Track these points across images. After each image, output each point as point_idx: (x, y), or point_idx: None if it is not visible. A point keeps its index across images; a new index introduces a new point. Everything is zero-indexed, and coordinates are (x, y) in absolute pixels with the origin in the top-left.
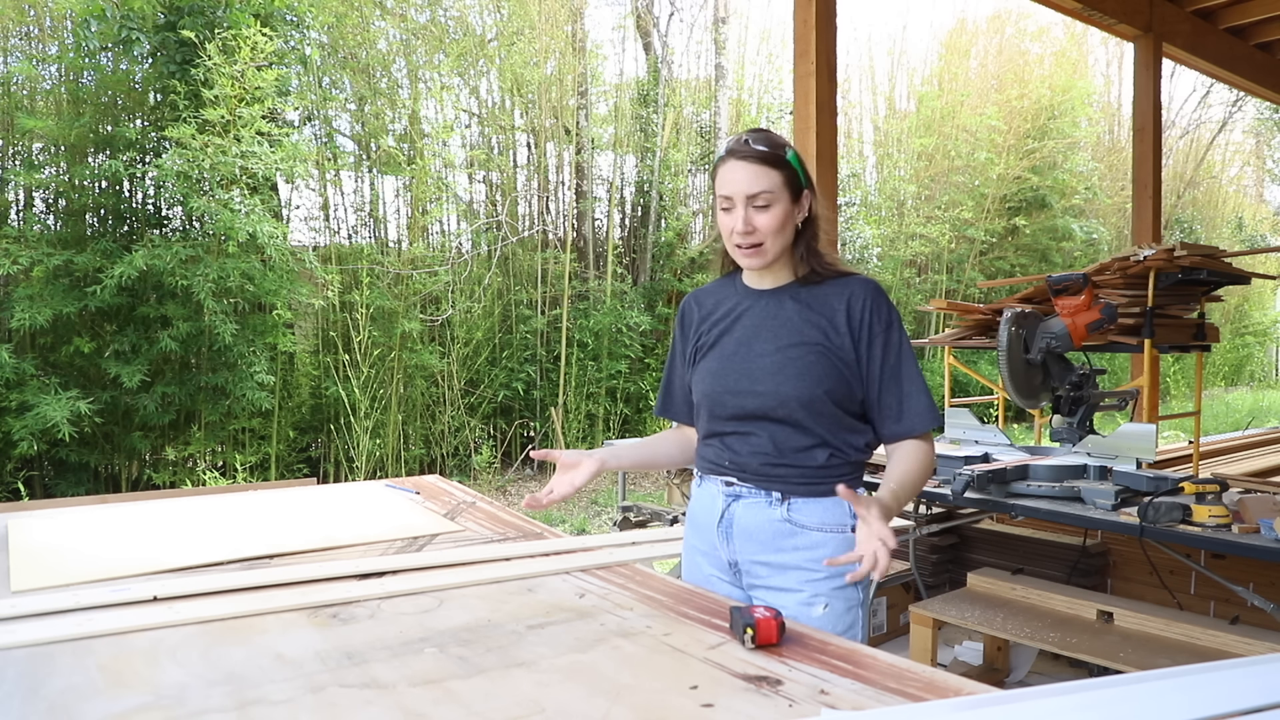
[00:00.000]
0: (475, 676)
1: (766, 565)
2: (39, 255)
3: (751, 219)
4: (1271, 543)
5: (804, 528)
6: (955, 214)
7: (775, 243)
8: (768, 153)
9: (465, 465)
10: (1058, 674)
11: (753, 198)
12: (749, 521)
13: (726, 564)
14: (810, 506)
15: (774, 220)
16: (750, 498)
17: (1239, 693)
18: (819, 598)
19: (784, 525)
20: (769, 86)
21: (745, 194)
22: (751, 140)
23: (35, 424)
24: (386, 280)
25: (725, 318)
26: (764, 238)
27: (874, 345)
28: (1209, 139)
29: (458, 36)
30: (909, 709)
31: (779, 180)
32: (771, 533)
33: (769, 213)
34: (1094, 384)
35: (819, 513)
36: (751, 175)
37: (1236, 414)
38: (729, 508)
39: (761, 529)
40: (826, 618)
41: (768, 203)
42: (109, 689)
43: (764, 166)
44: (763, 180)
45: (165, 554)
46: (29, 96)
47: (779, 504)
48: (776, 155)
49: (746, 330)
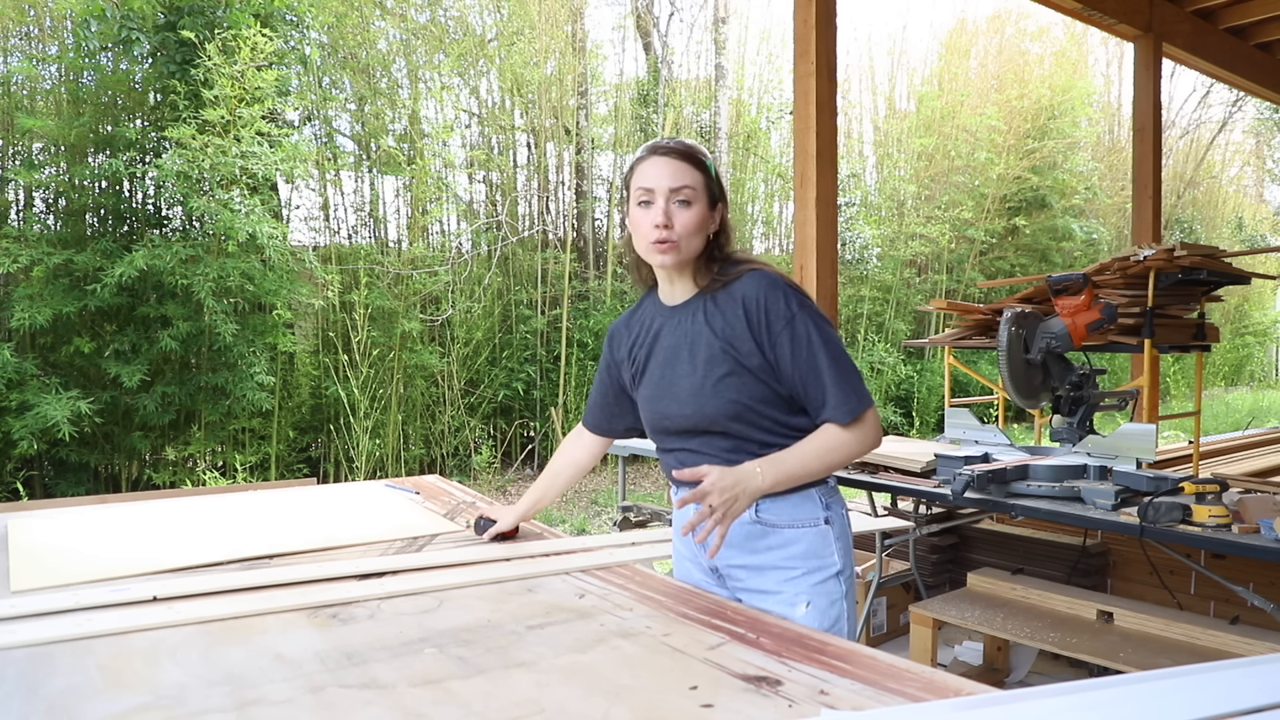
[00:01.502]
0: (475, 676)
1: (744, 568)
2: (39, 255)
3: (672, 213)
4: (1271, 543)
5: (775, 526)
6: (955, 214)
7: (690, 244)
8: (691, 152)
9: (465, 465)
10: (1058, 674)
11: (675, 191)
12: None
13: (709, 569)
14: (778, 505)
15: (693, 219)
16: None
17: (1239, 693)
18: (800, 596)
19: (755, 527)
20: (769, 86)
21: (668, 187)
22: (672, 141)
23: (35, 424)
24: (386, 280)
25: (648, 341)
26: (679, 236)
27: (779, 344)
28: (1209, 139)
29: (458, 36)
30: (909, 709)
31: (701, 180)
32: (744, 535)
33: (690, 210)
34: (1094, 384)
35: (788, 510)
36: (675, 170)
37: (1236, 414)
38: None
39: (734, 533)
40: (810, 615)
41: (689, 199)
42: (109, 689)
43: (687, 164)
44: (685, 176)
45: (165, 554)
46: (29, 96)
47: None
48: (699, 158)
49: (666, 351)
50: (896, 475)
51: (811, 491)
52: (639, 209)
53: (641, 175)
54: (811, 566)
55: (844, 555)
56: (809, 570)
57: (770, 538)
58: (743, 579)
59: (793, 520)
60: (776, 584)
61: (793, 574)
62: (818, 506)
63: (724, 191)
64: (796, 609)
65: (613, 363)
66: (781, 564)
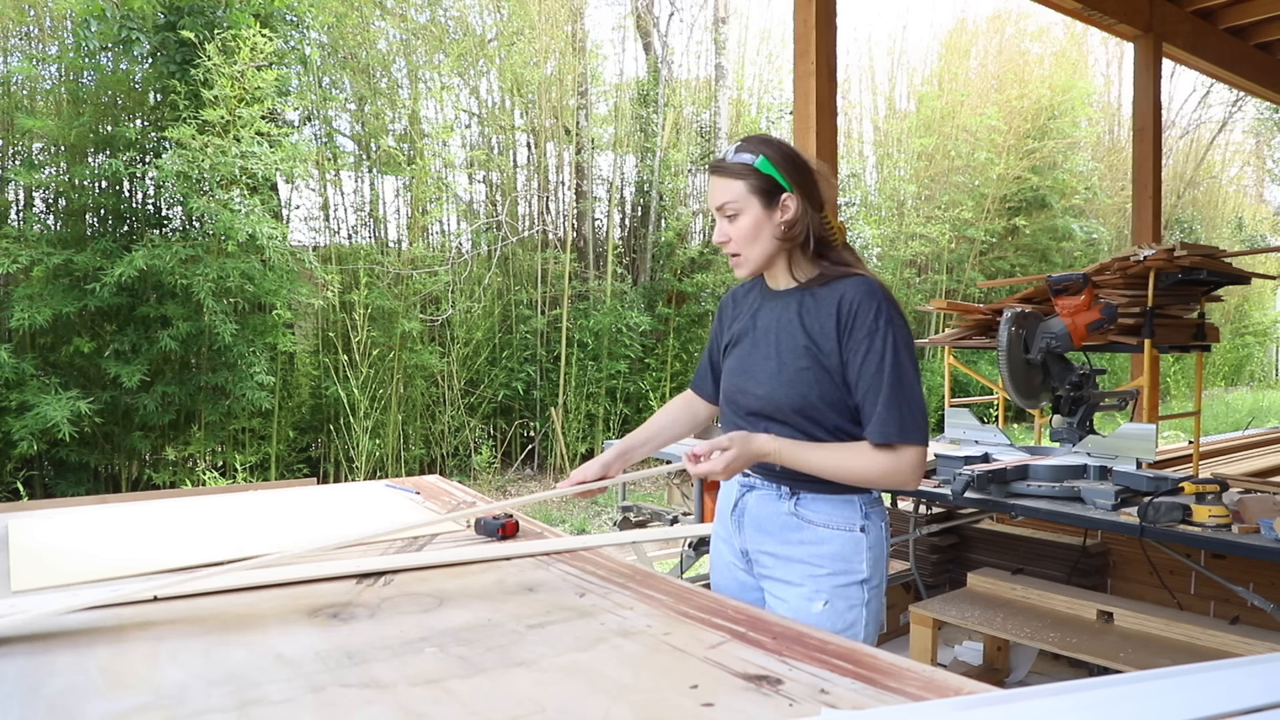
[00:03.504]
0: (475, 676)
1: (773, 556)
2: (39, 255)
3: (725, 229)
4: (1271, 543)
5: (810, 523)
6: (955, 214)
7: (751, 250)
8: (728, 165)
9: (465, 465)
10: (1058, 674)
11: (720, 209)
12: (760, 512)
13: (739, 552)
14: (818, 503)
15: (743, 230)
16: (762, 489)
17: (1239, 693)
18: (820, 594)
19: (791, 519)
20: (769, 86)
21: (715, 206)
22: (728, 153)
23: (35, 424)
24: (386, 280)
25: (746, 317)
26: (738, 247)
27: (856, 350)
28: (1209, 139)
29: (458, 36)
30: (909, 709)
31: (741, 190)
32: (780, 525)
33: (737, 223)
34: (1094, 384)
35: (827, 509)
36: (717, 188)
37: (1236, 414)
38: (743, 498)
39: (770, 520)
40: (825, 614)
41: (734, 213)
42: (109, 689)
43: (725, 179)
44: (725, 192)
45: (165, 554)
46: (29, 96)
47: (788, 498)
48: (736, 166)
49: (759, 332)
50: None
51: (853, 497)
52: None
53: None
54: (838, 569)
55: (874, 566)
56: (835, 572)
57: (804, 532)
58: (769, 566)
59: (829, 521)
60: (800, 577)
61: (818, 572)
62: (856, 513)
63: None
64: (814, 604)
65: (719, 331)
66: (809, 560)
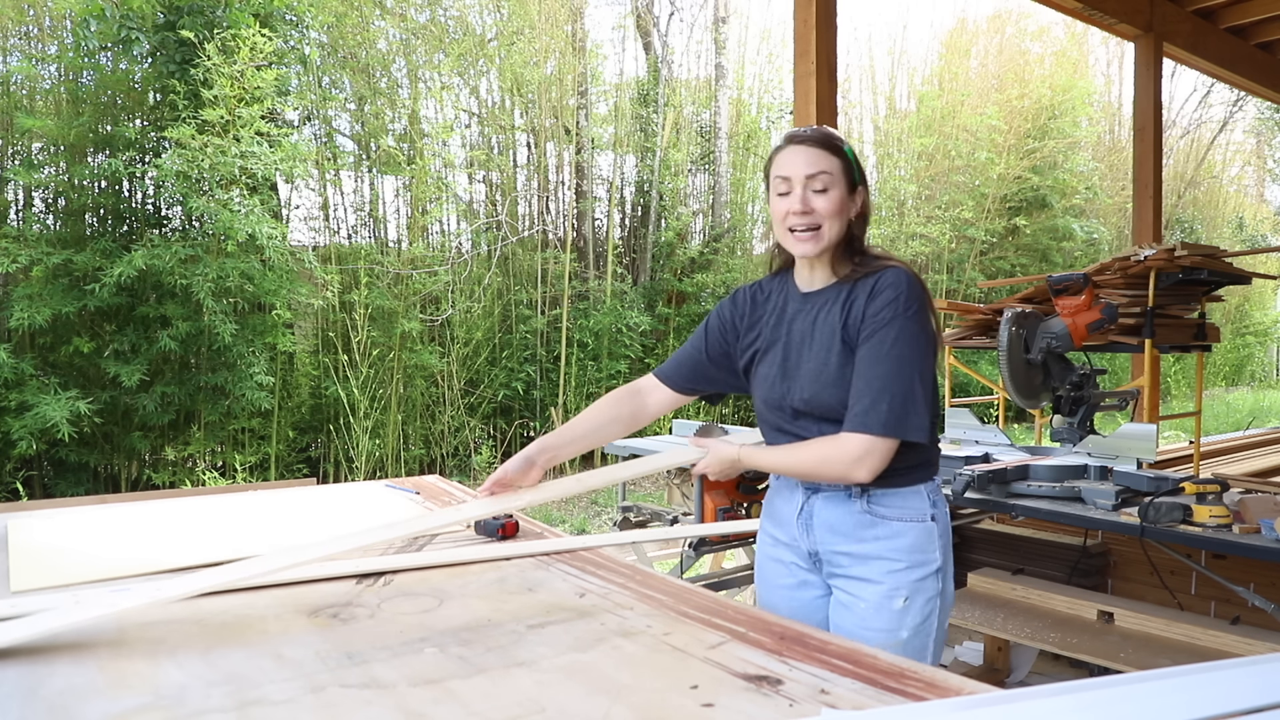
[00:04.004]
0: (475, 676)
1: (848, 555)
2: (38, 255)
3: (809, 200)
4: (1272, 543)
5: (884, 518)
6: (955, 214)
7: (831, 228)
8: (827, 139)
9: (465, 465)
10: (1058, 674)
11: (811, 178)
12: (829, 514)
13: (807, 554)
14: (889, 497)
15: (831, 204)
16: (829, 491)
17: (1239, 693)
18: (899, 590)
19: (864, 516)
20: (769, 86)
21: (804, 174)
22: (809, 130)
23: (35, 424)
24: (386, 280)
25: (774, 320)
26: (821, 220)
27: (869, 332)
28: (1209, 139)
29: (458, 36)
30: (909, 709)
31: (838, 166)
32: (852, 524)
33: (827, 196)
34: (1094, 384)
35: (898, 503)
36: (811, 157)
37: (1237, 414)
38: (808, 501)
39: (842, 521)
40: (906, 611)
41: (825, 185)
42: (109, 689)
43: (820, 150)
44: (821, 162)
45: (165, 554)
46: (29, 96)
47: (858, 496)
48: (835, 144)
49: (797, 335)
50: None
51: (920, 488)
52: (778, 198)
53: (779, 164)
54: (915, 561)
55: (944, 553)
56: (912, 564)
57: (878, 528)
58: (844, 566)
59: (901, 514)
60: (879, 574)
61: (896, 566)
62: (925, 503)
63: (864, 175)
64: (895, 602)
65: (727, 326)
66: (887, 555)
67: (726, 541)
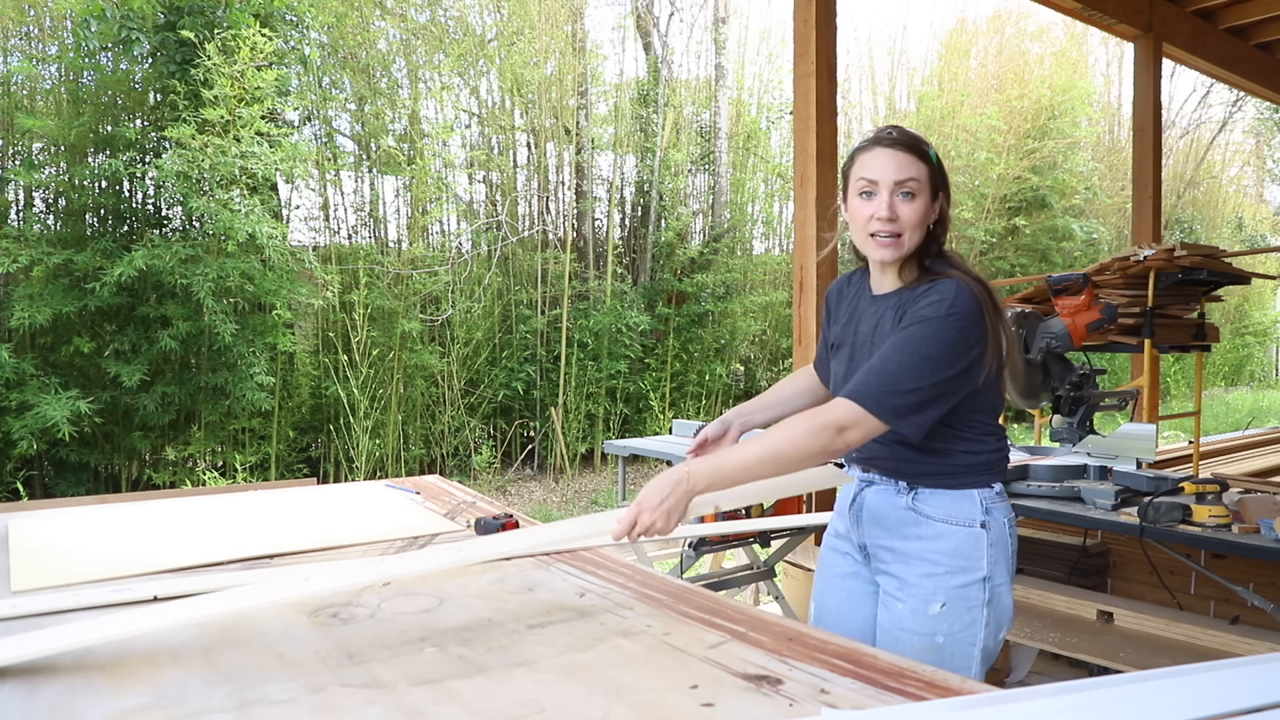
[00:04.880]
0: (475, 676)
1: (891, 551)
2: (39, 255)
3: (896, 206)
4: (1271, 543)
5: (929, 518)
6: (955, 214)
7: (913, 236)
8: (916, 143)
9: (465, 465)
10: (1058, 674)
11: (900, 184)
12: (878, 507)
13: (857, 546)
14: (936, 498)
15: (916, 212)
16: (881, 484)
17: (1239, 693)
18: (937, 595)
19: (909, 513)
20: (769, 86)
21: (893, 179)
22: (895, 131)
23: (35, 424)
24: (386, 280)
25: (846, 321)
26: (904, 228)
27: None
28: (1209, 139)
29: (458, 36)
30: (909, 709)
31: (925, 172)
32: (898, 519)
33: (913, 203)
34: (1094, 384)
35: (945, 504)
36: (901, 162)
37: (1236, 414)
38: (861, 493)
39: (889, 515)
40: (943, 616)
41: (914, 191)
42: (109, 689)
43: (913, 156)
44: (910, 169)
45: (165, 554)
46: (29, 96)
47: (906, 492)
48: (924, 149)
49: (859, 338)
50: None
51: (971, 492)
52: (860, 200)
53: (865, 165)
54: (957, 566)
55: (994, 564)
56: (953, 570)
57: (922, 527)
58: (888, 561)
59: (948, 516)
60: (918, 576)
61: (936, 570)
62: (976, 508)
63: (946, 182)
64: (931, 607)
65: (827, 322)
66: (928, 555)
67: (726, 541)
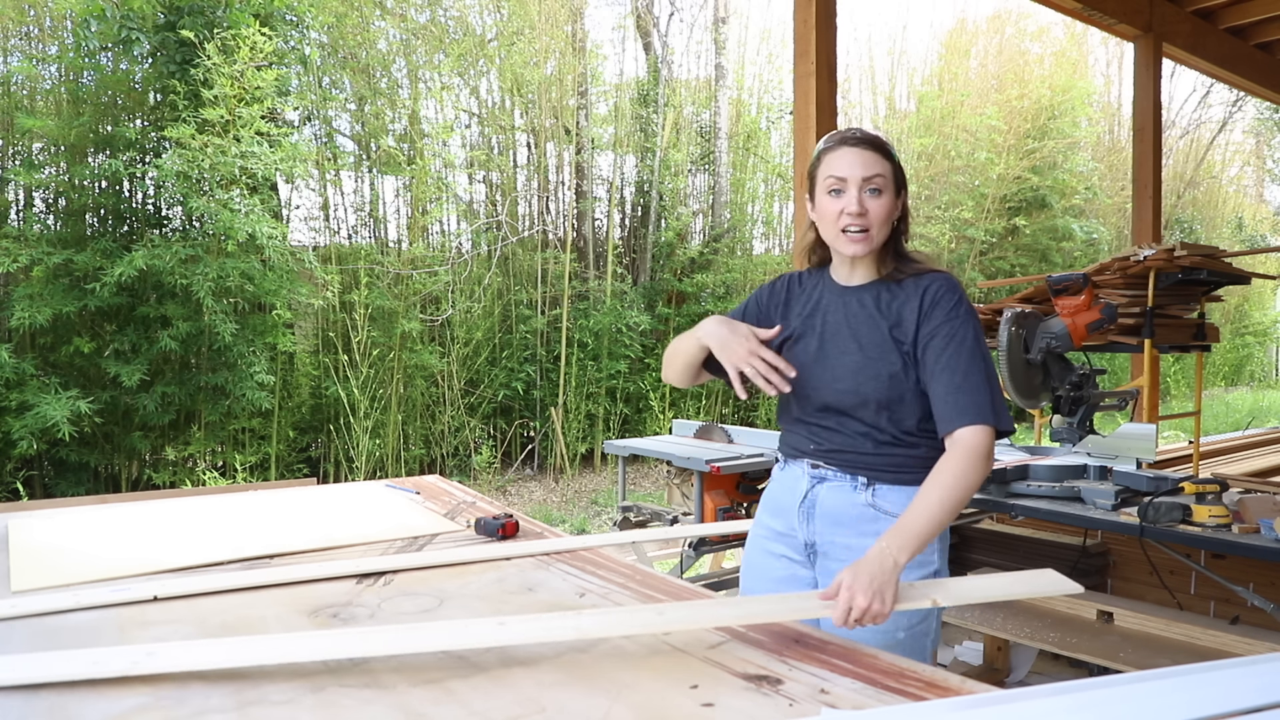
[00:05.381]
0: (475, 676)
1: (848, 548)
2: (39, 254)
3: (864, 201)
4: (1271, 543)
5: (888, 514)
6: (955, 214)
7: (880, 231)
8: (879, 142)
9: (465, 465)
10: (1058, 674)
11: (868, 180)
12: (832, 504)
13: (803, 544)
14: (895, 494)
15: (884, 208)
16: (835, 481)
17: (1239, 693)
18: None
19: (867, 510)
20: (769, 86)
21: (861, 176)
22: (860, 133)
23: (35, 424)
24: (386, 280)
25: (807, 312)
26: (873, 223)
27: (935, 334)
28: (1209, 139)
29: (458, 36)
30: (909, 709)
31: (889, 169)
32: (855, 516)
33: (880, 199)
34: (1094, 384)
35: (902, 500)
36: (867, 160)
37: (1236, 414)
38: (813, 489)
39: (844, 512)
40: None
41: (880, 187)
42: (109, 689)
43: (878, 154)
44: (876, 165)
45: (165, 554)
46: (29, 96)
47: (864, 489)
48: (887, 148)
49: (828, 328)
50: None
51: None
52: (829, 197)
53: (833, 164)
54: (915, 562)
55: (943, 556)
56: (911, 565)
57: (881, 523)
58: (843, 559)
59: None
60: None
61: None
62: None
63: (905, 179)
64: None
65: (764, 307)
66: None
67: (726, 541)
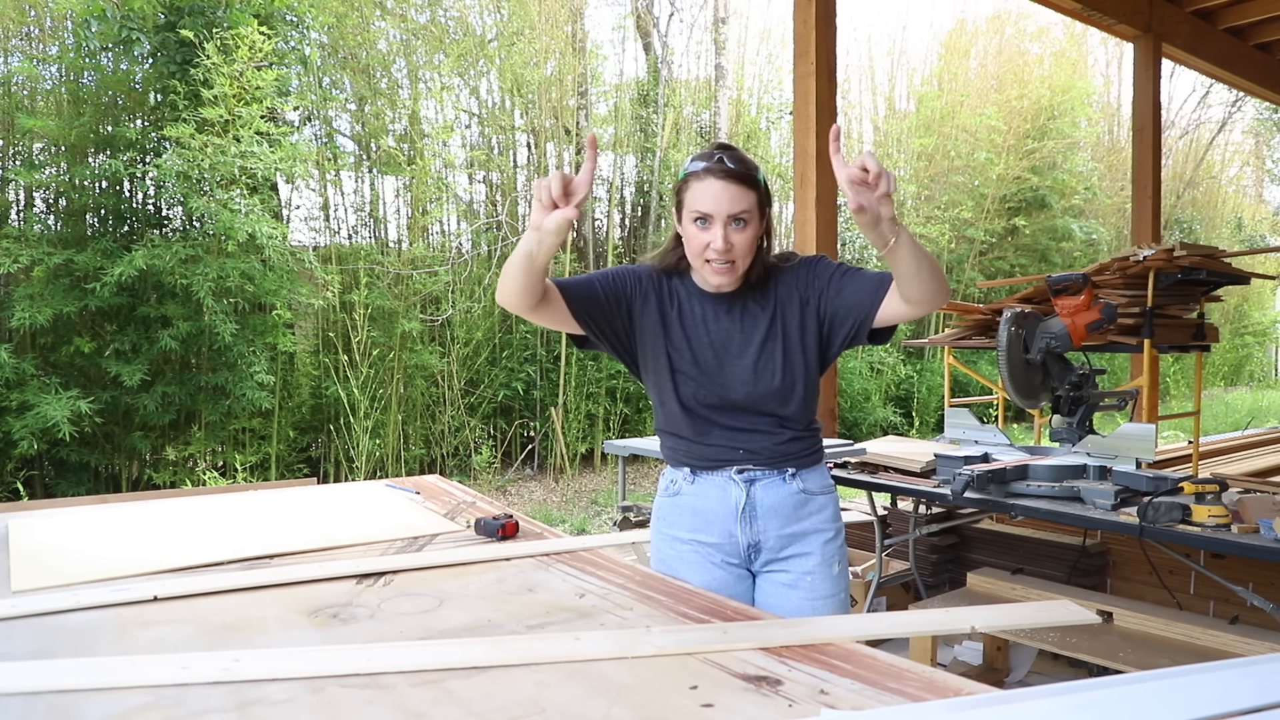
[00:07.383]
0: (475, 676)
1: (791, 535)
2: (39, 255)
3: (730, 237)
4: (1271, 543)
5: (814, 494)
6: (955, 214)
7: (745, 261)
8: (747, 174)
9: (465, 465)
10: (1058, 674)
11: (734, 216)
12: (771, 500)
13: (744, 548)
14: (813, 474)
15: (748, 240)
16: (766, 479)
17: (1239, 693)
18: (832, 557)
19: (800, 496)
20: (769, 86)
21: (727, 213)
22: (727, 159)
23: (35, 424)
24: (386, 280)
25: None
26: (738, 256)
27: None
28: (1208, 139)
29: (458, 37)
30: (909, 709)
31: (754, 200)
32: (791, 505)
33: (745, 232)
34: (1094, 384)
35: (819, 478)
36: (733, 195)
37: (1236, 414)
38: (749, 493)
39: (783, 504)
40: (841, 575)
41: (747, 219)
42: (109, 689)
43: (743, 187)
44: (742, 201)
45: (165, 554)
46: (29, 96)
47: (792, 479)
48: (753, 176)
49: (718, 335)
50: (896, 475)
51: (822, 465)
52: (694, 226)
53: (699, 196)
54: (836, 529)
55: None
56: (835, 533)
57: (810, 504)
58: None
59: (822, 488)
60: (815, 547)
61: (826, 536)
62: (828, 476)
63: (770, 196)
64: (832, 568)
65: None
66: (821, 527)
67: None
